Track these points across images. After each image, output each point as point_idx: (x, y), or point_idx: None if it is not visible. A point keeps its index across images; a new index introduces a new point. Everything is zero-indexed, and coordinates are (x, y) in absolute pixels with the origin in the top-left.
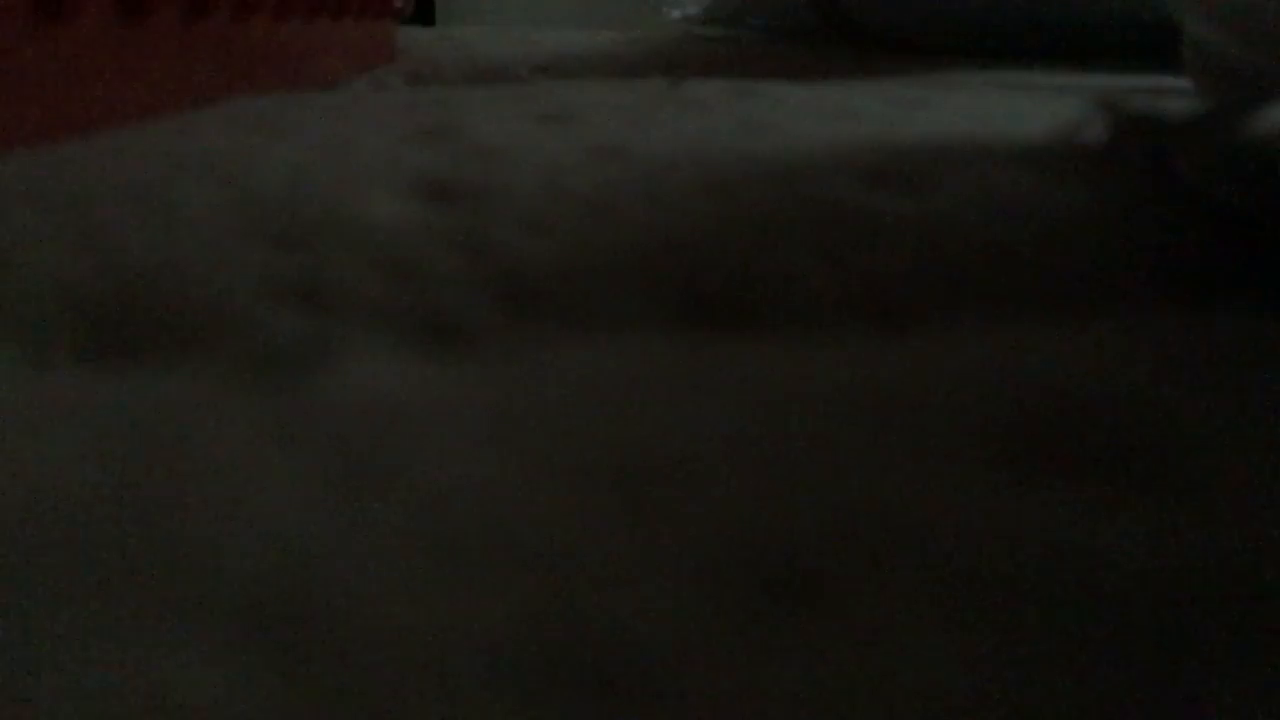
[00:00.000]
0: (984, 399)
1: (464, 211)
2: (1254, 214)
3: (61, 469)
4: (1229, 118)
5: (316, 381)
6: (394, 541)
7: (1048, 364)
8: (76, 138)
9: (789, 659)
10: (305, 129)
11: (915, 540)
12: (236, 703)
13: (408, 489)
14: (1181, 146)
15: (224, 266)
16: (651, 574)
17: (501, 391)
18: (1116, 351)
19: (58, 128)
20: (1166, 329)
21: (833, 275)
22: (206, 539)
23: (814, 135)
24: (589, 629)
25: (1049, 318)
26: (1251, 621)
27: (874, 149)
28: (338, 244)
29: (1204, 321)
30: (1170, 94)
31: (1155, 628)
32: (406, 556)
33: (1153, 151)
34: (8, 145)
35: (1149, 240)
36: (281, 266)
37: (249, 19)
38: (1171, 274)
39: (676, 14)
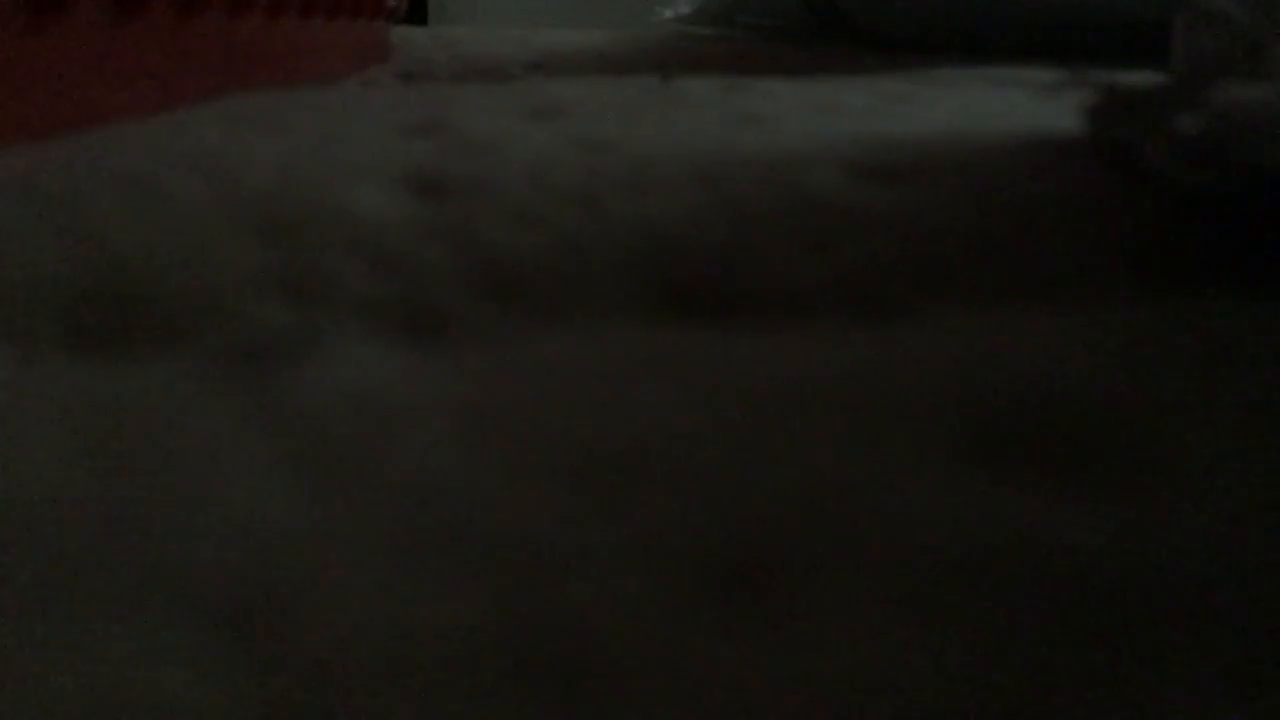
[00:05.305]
0: (957, 389)
1: (451, 205)
2: (1224, 199)
3: (42, 461)
4: (1195, 99)
5: (301, 374)
6: (367, 536)
7: (1023, 354)
8: (69, 134)
9: (755, 650)
10: (296, 125)
11: (880, 531)
12: (206, 702)
13: (383, 482)
14: (1152, 133)
15: (210, 259)
16: (621, 567)
17: (483, 384)
18: (1092, 341)
19: (51, 124)
20: (1143, 319)
21: (815, 266)
22: (182, 534)
23: (800, 129)
24: (557, 623)
25: (1028, 308)
26: (1212, 614)
27: (858, 142)
28: (324, 236)
29: (1180, 311)
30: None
31: (1117, 619)
32: (378, 551)
33: (1126, 139)
34: (0, 141)
35: (1127, 230)
36: (267, 259)
37: (243, 17)
38: (1150, 264)
39: (668, 13)
